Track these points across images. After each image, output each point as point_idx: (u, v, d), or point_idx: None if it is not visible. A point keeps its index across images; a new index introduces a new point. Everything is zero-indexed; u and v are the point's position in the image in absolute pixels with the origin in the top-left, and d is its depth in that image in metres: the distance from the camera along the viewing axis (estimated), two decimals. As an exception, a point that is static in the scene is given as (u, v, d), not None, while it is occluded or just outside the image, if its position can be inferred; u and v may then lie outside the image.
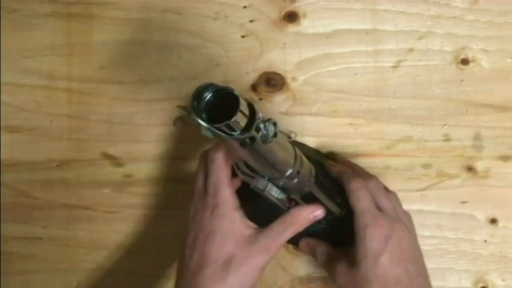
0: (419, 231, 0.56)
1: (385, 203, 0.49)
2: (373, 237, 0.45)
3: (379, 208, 0.48)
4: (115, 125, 0.58)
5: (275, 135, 0.38)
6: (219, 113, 0.35)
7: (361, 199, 0.47)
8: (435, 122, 0.57)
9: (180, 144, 0.58)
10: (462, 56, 0.57)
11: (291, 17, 0.58)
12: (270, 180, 0.44)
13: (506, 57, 0.57)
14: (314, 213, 0.48)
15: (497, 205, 0.56)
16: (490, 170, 0.56)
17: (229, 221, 0.45)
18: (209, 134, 0.36)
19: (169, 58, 0.58)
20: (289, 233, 0.47)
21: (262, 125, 0.37)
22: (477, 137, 0.57)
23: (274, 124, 0.38)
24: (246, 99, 0.36)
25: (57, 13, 0.59)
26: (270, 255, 0.46)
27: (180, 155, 0.57)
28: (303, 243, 0.53)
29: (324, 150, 0.57)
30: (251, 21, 0.58)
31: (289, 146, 0.44)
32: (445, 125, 0.57)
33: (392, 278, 0.45)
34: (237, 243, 0.45)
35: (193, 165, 0.57)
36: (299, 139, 0.57)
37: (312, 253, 0.52)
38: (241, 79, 0.57)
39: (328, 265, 0.49)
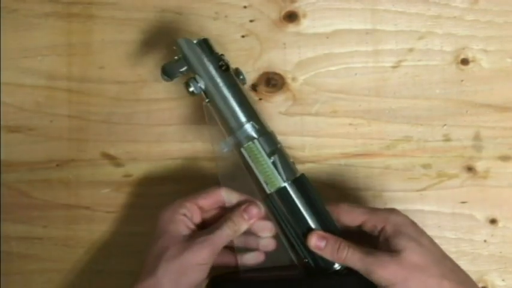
0: (419, 231, 0.56)
1: None
2: None
3: None
4: (115, 125, 0.58)
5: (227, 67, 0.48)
6: None
7: None
8: (435, 122, 0.57)
9: (180, 144, 0.58)
10: (462, 56, 0.57)
11: (291, 17, 0.58)
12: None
13: (506, 57, 0.57)
14: (246, 211, 0.48)
15: (497, 205, 0.56)
16: (490, 170, 0.56)
17: (174, 223, 0.48)
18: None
19: (169, 58, 0.58)
20: (227, 231, 0.47)
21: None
22: (477, 137, 0.57)
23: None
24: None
25: (57, 13, 0.59)
26: (207, 254, 0.46)
27: (180, 155, 0.58)
28: (313, 237, 0.47)
29: (324, 150, 0.57)
30: (251, 21, 0.58)
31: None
32: (445, 125, 0.57)
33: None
34: (174, 239, 0.47)
35: (194, 165, 0.57)
36: (298, 138, 0.57)
37: (333, 253, 0.46)
38: (241, 79, 0.57)
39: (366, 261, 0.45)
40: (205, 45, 0.49)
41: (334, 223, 0.48)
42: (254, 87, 0.57)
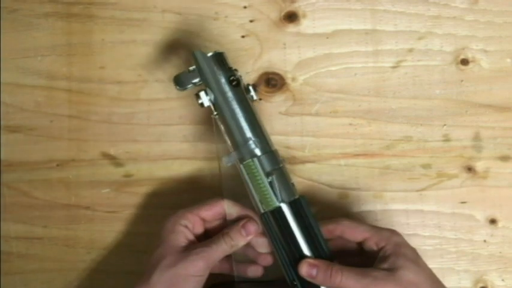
0: (419, 231, 0.56)
1: None
2: None
3: None
4: (115, 125, 0.58)
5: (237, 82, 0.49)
6: None
7: None
8: (435, 122, 0.57)
9: (181, 144, 0.58)
10: (462, 56, 0.57)
11: (291, 17, 0.58)
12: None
13: (505, 57, 0.57)
14: (245, 228, 0.49)
15: (497, 205, 0.56)
16: (490, 170, 0.56)
17: (174, 233, 0.48)
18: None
19: (169, 58, 0.58)
20: (224, 246, 0.48)
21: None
22: (477, 137, 0.57)
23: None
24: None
25: (57, 13, 0.59)
26: (201, 266, 0.46)
27: (180, 155, 0.58)
28: (304, 265, 0.46)
29: (324, 150, 0.57)
30: (251, 21, 0.58)
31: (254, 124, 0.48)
32: (445, 125, 0.57)
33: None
34: (172, 249, 0.47)
35: (194, 165, 0.57)
36: (298, 138, 0.57)
37: (326, 280, 0.45)
38: (241, 79, 0.57)
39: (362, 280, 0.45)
40: (219, 58, 0.49)
41: (327, 248, 0.48)
42: (254, 87, 0.57)
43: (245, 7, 0.58)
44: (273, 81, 0.57)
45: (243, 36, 0.58)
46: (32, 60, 0.59)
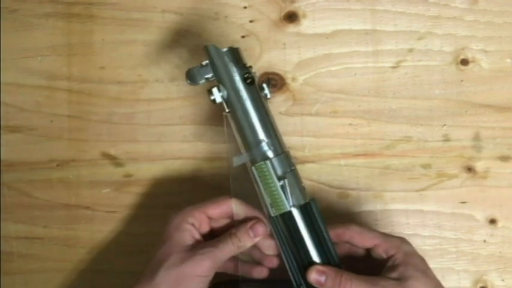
0: (419, 231, 0.56)
1: None
2: None
3: None
4: (115, 125, 0.58)
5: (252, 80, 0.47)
6: None
7: None
8: (435, 122, 0.57)
9: (181, 144, 0.58)
10: (462, 57, 0.57)
11: (291, 17, 0.58)
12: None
13: (505, 58, 0.57)
14: (253, 229, 0.48)
15: (497, 205, 0.56)
16: (490, 170, 0.57)
17: (180, 231, 0.48)
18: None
19: (169, 58, 0.58)
20: (230, 247, 0.47)
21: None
22: (476, 137, 0.57)
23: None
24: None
25: (57, 13, 0.59)
26: (207, 266, 0.46)
27: (180, 155, 0.58)
28: (313, 272, 0.46)
29: (324, 150, 0.57)
30: (251, 21, 0.58)
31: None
32: (445, 125, 0.57)
33: None
34: (177, 247, 0.47)
35: (194, 165, 0.57)
36: (298, 138, 0.57)
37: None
38: (241, 79, 0.57)
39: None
40: (234, 54, 0.47)
41: (335, 254, 0.47)
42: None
43: (245, 7, 0.58)
44: (273, 82, 0.57)
45: (243, 37, 0.58)
46: (32, 60, 0.59)
